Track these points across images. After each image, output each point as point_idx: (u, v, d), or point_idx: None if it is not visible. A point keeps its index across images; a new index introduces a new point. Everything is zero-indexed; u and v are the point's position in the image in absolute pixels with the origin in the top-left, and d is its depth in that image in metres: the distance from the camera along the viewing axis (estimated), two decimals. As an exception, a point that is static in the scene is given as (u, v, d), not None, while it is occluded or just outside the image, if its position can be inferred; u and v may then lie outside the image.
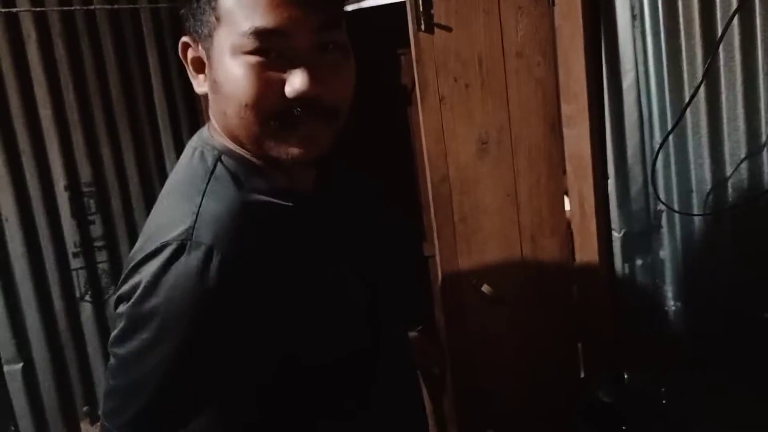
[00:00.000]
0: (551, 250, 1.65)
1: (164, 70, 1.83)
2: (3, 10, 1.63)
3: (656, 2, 1.43)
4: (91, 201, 1.79)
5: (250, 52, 0.80)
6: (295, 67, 0.80)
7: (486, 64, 1.57)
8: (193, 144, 0.94)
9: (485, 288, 1.66)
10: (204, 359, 0.81)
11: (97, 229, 1.80)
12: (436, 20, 1.55)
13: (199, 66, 0.88)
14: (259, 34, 0.79)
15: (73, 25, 1.72)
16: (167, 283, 0.78)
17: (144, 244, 0.83)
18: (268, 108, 0.82)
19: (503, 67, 1.57)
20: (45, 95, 1.70)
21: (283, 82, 0.81)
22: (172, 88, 1.85)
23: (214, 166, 0.87)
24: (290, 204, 0.88)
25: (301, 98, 0.81)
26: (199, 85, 0.89)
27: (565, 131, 1.57)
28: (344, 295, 0.98)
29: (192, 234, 0.80)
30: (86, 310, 1.82)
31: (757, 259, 1.47)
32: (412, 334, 1.49)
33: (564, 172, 1.63)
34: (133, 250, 0.86)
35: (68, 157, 1.75)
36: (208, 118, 0.94)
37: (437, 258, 1.68)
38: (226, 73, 0.82)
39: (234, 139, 0.88)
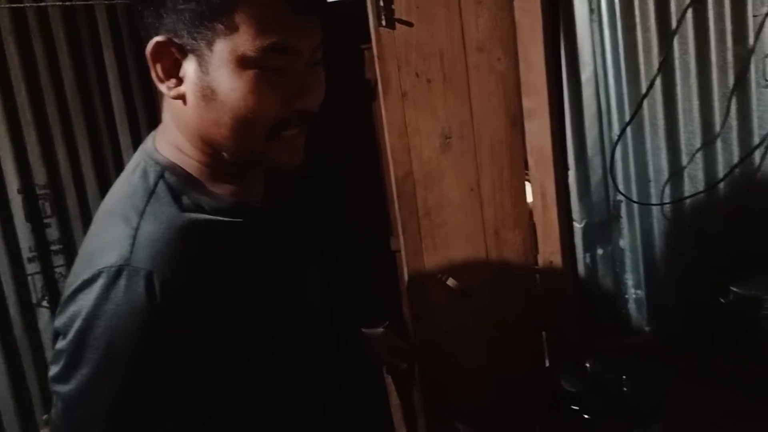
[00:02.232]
0: (514, 242, 1.67)
1: (121, 68, 1.79)
2: (-51, 7, 1.58)
3: (613, -3, 1.46)
4: (47, 204, 1.74)
5: (261, 66, 0.78)
6: (299, 82, 0.82)
7: (447, 59, 1.58)
8: (136, 159, 0.89)
9: (451, 282, 1.67)
10: (152, 389, 0.78)
11: (53, 233, 1.75)
12: (396, 15, 1.56)
13: (172, 69, 0.82)
14: (275, 49, 0.78)
15: (24, 23, 1.66)
16: (107, 312, 0.75)
17: (80, 269, 0.80)
18: (268, 120, 0.82)
19: (464, 62, 1.58)
20: (-5, 95, 1.65)
21: (282, 95, 0.81)
22: (130, 86, 1.81)
23: (155, 184, 0.84)
24: (236, 219, 0.86)
25: (303, 111, 0.83)
26: (169, 89, 0.83)
27: (527, 125, 1.59)
28: (307, 297, 0.97)
29: (130, 258, 0.76)
30: (44, 315, 1.76)
31: (713, 246, 1.52)
32: (379, 329, 1.49)
33: (526, 165, 1.65)
34: (70, 274, 0.82)
35: (21, 159, 1.69)
36: (161, 120, 0.91)
37: (402, 253, 1.69)
38: (230, 83, 0.79)
39: (204, 147, 0.85)
